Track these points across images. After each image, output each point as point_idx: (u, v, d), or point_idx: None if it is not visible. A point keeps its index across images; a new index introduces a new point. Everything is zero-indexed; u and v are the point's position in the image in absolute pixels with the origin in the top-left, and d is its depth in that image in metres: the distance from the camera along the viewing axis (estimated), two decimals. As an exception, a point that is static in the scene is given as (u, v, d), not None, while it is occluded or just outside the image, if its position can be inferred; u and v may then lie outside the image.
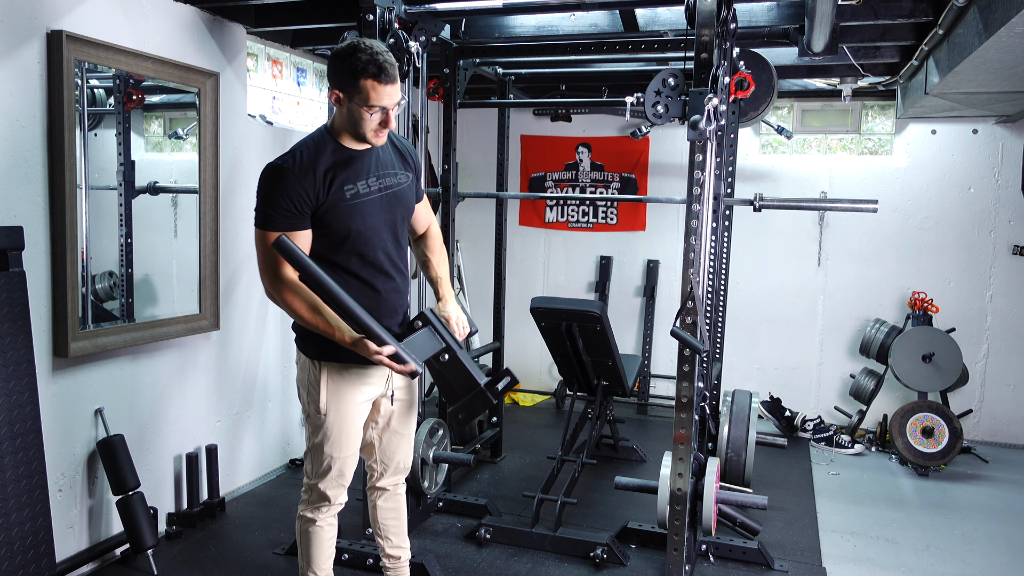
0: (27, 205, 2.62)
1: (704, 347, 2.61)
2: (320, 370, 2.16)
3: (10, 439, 2.48)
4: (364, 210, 2.08)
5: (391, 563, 2.51)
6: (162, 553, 3.06)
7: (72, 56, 2.68)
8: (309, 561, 2.35)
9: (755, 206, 3.21)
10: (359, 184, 2.08)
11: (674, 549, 2.72)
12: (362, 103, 1.99)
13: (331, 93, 2.05)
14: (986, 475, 4.33)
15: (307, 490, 2.32)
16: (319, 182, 2.01)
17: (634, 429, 4.90)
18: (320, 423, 2.19)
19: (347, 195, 2.05)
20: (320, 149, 2.06)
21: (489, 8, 3.25)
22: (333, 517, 2.35)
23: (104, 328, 2.94)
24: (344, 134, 2.10)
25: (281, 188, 1.98)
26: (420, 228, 2.40)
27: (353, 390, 2.19)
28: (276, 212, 1.99)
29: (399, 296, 2.24)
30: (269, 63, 4.21)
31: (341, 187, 2.05)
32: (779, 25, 3.41)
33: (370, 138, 2.06)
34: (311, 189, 2.00)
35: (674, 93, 2.55)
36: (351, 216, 2.06)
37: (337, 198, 2.04)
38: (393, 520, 2.48)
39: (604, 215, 5.63)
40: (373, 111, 2.01)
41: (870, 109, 5.21)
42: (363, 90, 1.98)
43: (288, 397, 4.14)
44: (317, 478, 2.26)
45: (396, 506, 2.48)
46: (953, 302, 4.90)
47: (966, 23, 2.99)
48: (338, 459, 2.23)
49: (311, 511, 2.32)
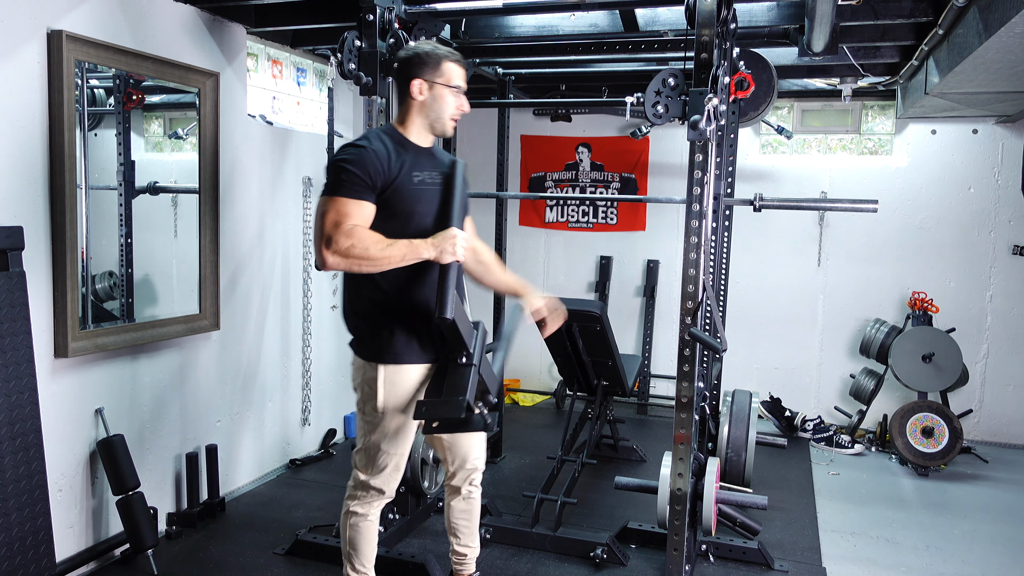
0: (27, 205, 2.62)
1: (724, 346, 2.60)
2: (376, 371, 2.23)
3: (10, 439, 2.48)
4: (427, 196, 2.22)
5: (458, 558, 2.60)
6: (162, 553, 3.05)
7: (72, 56, 2.68)
8: (358, 553, 2.40)
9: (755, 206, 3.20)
10: (424, 173, 2.23)
11: (674, 549, 2.72)
12: (447, 84, 2.23)
13: (412, 84, 2.23)
14: (986, 475, 4.33)
15: (358, 486, 2.35)
16: (393, 162, 2.17)
17: (634, 429, 4.90)
18: (378, 421, 2.26)
19: (414, 179, 2.20)
20: (391, 138, 2.24)
21: (489, 8, 3.25)
22: (379, 511, 2.42)
23: (104, 328, 2.95)
24: (413, 129, 2.27)
25: (358, 160, 2.12)
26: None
27: (408, 389, 2.26)
28: (350, 179, 2.10)
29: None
30: (269, 63, 4.21)
31: (410, 171, 2.19)
32: (779, 25, 3.41)
33: (447, 122, 2.27)
34: (386, 165, 2.14)
35: (674, 93, 2.55)
36: (417, 199, 2.20)
37: (407, 180, 2.18)
38: (464, 522, 2.55)
39: (604, 215, 5.63)
40: (455, 92, 2.25)
41: (870, 109, 5.21)
42: (448, 72, 2.23)
43: (288, 397, 4.15)
44: (373, 473, 2.31)
45: (468, 508, 2.54)
46: (953, 302, 4.91)
47: (966, 23, 2.99)
48: (395, 455, 2.30)
49: (362, 506, 2.36)
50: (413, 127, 2.28)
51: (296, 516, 3.48)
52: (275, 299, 3.99)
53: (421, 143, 2.29)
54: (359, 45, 2.85)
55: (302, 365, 4.24)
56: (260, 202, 3.82)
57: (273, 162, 3.92)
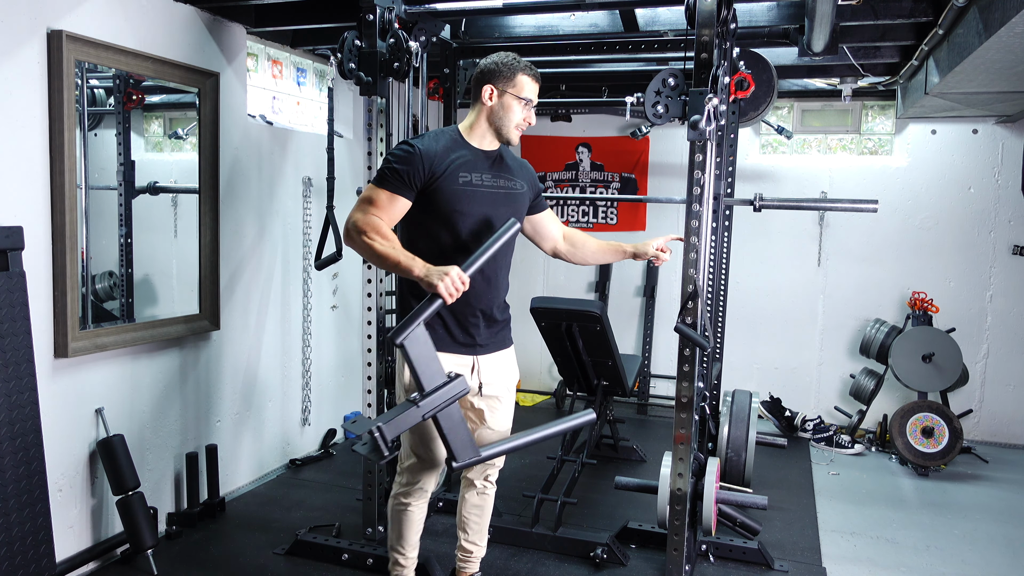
0: (27, 205, 2.62)
1: (708, 344, 2.61)
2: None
3: (10, 439, 2.48)
4: (471, 197, 2.29)
5: (463, 555, 2.62)
6: (162, 553, 3.05)
7: (72, 56, 2.68)
8: (400, 538, 2.51)
9: (755, 206, 3.20)
10: (473, 175, 2.30)
11: (674, 549, 2.72)
12: (517, 94, 2.31)
13: (484, 89, 2.32)
14: (986, 475, 4.33)
15: (401, 473, 2.47)
16: (439, 162, 2.25)
17: (634, 429, 4.90)
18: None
19: (460, 180, 2.27)
20: (450, 139, 2.32)
21: (489, 8, 3.25)
22: (425, 503, 2.51)
23: (104, 328, 2.95)
24: (476, 132, 2.35)
25: (404, 160, 2.23)
26: (557, 231, 2.63)
27: None
28: (392, 174, 2.23)
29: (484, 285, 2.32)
30: (269, 63, 4.21)
31: (456, 172, 2.27)
32: (779, 25, 3.41)
33: (512, 130, 2.34)
34: (428, 167, 2.23)
35: (674, 93, 2.55)
36: (458, 199, 2.26)
37: (451, 180, 2.25)
38: (475, 517, 2.58)
39: (604, 215, 5.63)
40: (524, 103, 2.32)
41: (870, 109, 5.21)
42: (519, 84, 2.31)
43: (288, 397, 4.15)
44: (405, 461, 2.44)
45: (481, 504, 2.58)
46: (953, 302, 4.90)
47: (966, 23, 2.99)
48: (422, 447, 2.38)
49: (405, 495, 2.46)
50: (477, 131, 2.36)
51: (296, 516, 3.48)
52: (275, 299, 3.99)
53: (483, 147, 2.36)
54: (359, 45, 2.85)
55: (302, 365, 4.24)
56: (260, 202, 3.82)
57: (273, 162, 3.92)
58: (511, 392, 2.51)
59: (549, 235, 2.62)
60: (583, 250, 2.64)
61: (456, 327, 2.32)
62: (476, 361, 2.37)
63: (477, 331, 2.35)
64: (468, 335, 2.34)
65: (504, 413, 2.48)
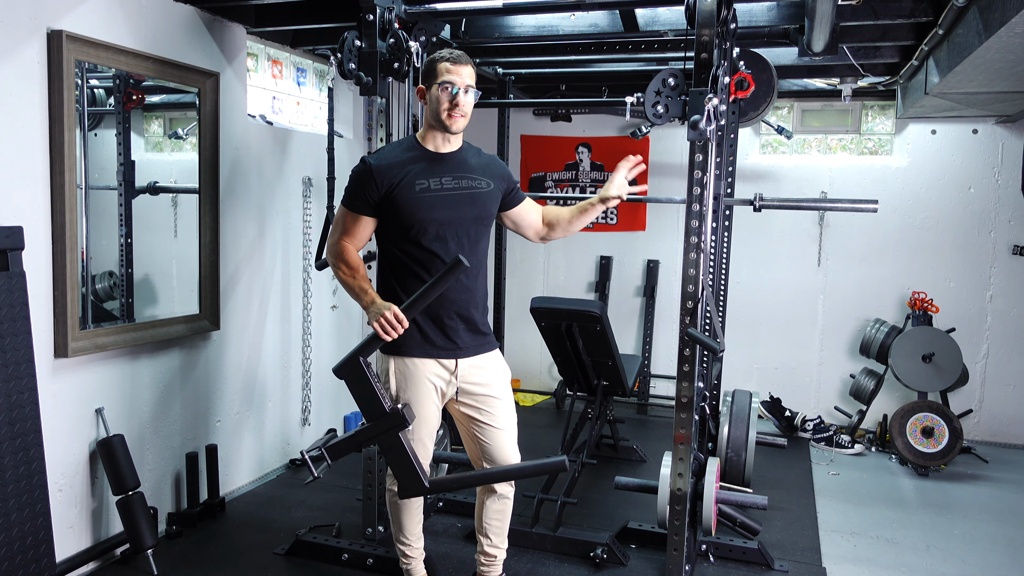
0: (27, 205, 2.62)
1: (721, 347, 2.60)
2: (388, 361, 2.38)
3: (10, 439, 2.48)
4: (431, 204, 2.31)
5: (486, 559, 2.62)
6: (162, 553, 3.05)
7: (72, 56, 2.68)
8: (401, 528, 2.57)
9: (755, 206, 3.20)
10: (431, 180, 2.33)
11: (674, 549, 2.72)
12: (435, 82, 2.31)
13: (418, 93, 2.38)
14: (986, 475, 4.33)
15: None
16: (393, 174, 2.30)
17: (634, 429, 4.90)
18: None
19: (417, 188, 2.31)
20: (407, 147, 2.38)
21: (489, 8, 3.25)
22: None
23: (104, 328, 2.95)
24: (428, 136, 2.38)
25: (357, 179, 2.34)
26: (537, 217, 2.64)
27: (417, 380, 2.37)
28: (349, 196, 2.36)
29: (459, 290, 2.34)
30: (269, 63, 4.21)
31: (413, 181, 2.31)
32: (779, 25, 3.41)
33: (444, 120, 2.31)
34: (382, 181, 2.29)
35: (674, 93, 2.56)
36: (417, 206, 2.30)
37: (407, 189, 2.30)
38: (496, 522, 2.58)
39: (604, 215, 5.63)
40: (445, 88, 2.29)
41: (870, 109, 5.21)
42: (438, 72, 2.31)
43: (288, 397, 4.15)
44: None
45: (501, 508, 2.57)
46: (953, 302, 4.90)
47: (966, 23, 2.99)
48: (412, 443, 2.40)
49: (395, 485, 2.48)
50: (428, 134, 2.39)
51: (296, 516, 3.48)
52: (275, 299, 3.99)
53: (439, 149, 2.38)
54: (359, 45, 2.85)
55: (302, 365, 4.24)
56: (260, 202, 3.82)
57: (273, 162, 3.92)
58: (506, 388, 2.51)
59: (530, 224, 2.63)
60: (561, 223, 2.63)
61: (434, 331, 2.35)
62: (457, 364, 2.39)
63: (457, 334, 2.37)
64: (448, 339, 2.36)
65: (505, 409, 2.48)
